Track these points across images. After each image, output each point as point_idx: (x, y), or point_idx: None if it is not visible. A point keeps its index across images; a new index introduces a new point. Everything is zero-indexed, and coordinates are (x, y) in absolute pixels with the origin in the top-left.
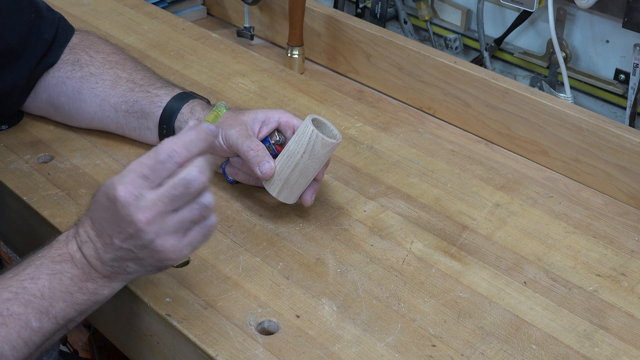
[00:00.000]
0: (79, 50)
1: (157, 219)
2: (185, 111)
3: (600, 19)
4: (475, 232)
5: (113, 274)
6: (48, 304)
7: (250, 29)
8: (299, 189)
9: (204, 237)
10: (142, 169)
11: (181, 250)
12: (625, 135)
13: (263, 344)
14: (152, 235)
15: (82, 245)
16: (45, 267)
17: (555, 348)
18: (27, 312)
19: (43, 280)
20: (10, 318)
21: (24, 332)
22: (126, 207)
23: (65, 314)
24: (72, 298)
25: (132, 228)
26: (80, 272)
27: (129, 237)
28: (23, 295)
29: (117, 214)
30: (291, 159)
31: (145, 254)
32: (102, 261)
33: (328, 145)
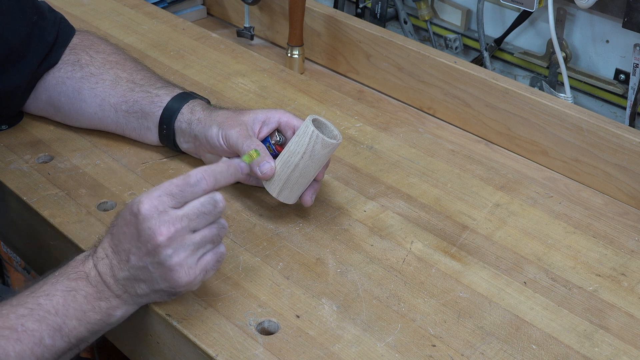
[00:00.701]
0: (79, 50)
1: (178, 236)
2: (186, 111)
3: (600, 19)
4: (475, 232)
5: (125, 294)
6: (62, 322)
7: (250, 29)
8: (299, 189)
9: (216, 263)
10: (170, 188)
11: (195, 275)
12: (625, 135)
13: (263, 344)
14: (170, 250)
15: (98, 262)
16: (61, 284)
17: (555, 348)
18: (41, 329)
19: (58, 297)
20: (25, 334)
21: (37, 348)
22: (148, 220)
23: (77, 332)
24: (85, 317)
25: (151, 242)
26: (94, 290)
27: (146, 254)
28: (38, 312)
29: (139, 227)
30: (291, 159)
31: (159, 273)
32: (116, 279)
33: (328, 146)
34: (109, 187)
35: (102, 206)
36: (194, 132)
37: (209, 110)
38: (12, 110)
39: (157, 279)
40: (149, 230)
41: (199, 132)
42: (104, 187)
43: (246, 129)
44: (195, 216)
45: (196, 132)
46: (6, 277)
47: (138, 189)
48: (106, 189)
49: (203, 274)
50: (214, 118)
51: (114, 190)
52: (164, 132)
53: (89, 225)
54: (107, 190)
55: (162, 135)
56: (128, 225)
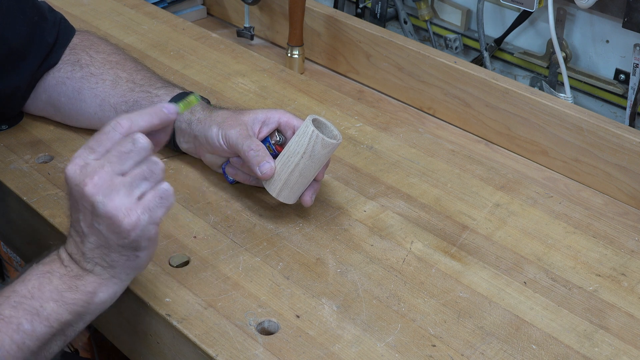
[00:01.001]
0: (79, 50)
1: (103, 181)
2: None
3: (600, 19)
4: (475, 232)
5: (96, 267)
6: (38, 305)
7: (250, 29)
8: (299, 189)
9: (160, 200)
10: (88, 143)
11: (137, 215)
12: (625, 135)
13: (263, 344)
14: (101, 197)
15: (67, 244)
16: (36, 269)
17: (555, 348)
18: (17, 315)
19: (33, 281)
20: (2, 322)
21: (16, 335)
22: (74, 177)
23: (57, 315)
24: (63, 297)
25: (84, 198)
26: (67, 271)
27: (85, 211)
28: (13, 298)
29: (72, 191)
30: (291, 160)
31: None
32: (84, 255)
33: (328, 146)
34: None
35: None
36: (194, 132)
37: (209, 110)
38: (12, 110)
39: (107, 235)
40: (77, 187)
41: (199, 132)
42: None
43: (246, 129)
44: (115, 158)
45: (196, 132)
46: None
47: None
48: None
49: (147, 213)
50: (213, 118)
51: None
52: None
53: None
54: None
55: None
56: (68, 196)
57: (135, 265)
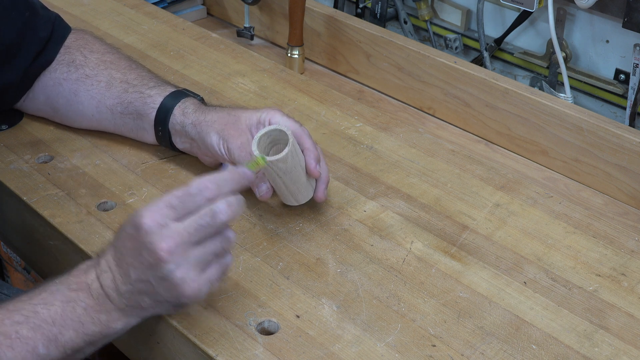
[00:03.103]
0: (73, 50)
1: (179, 250)
2: (177, 113)
3: (600, 19)
4: (475, 232)
5: (128, 307)
6: (58, 332)
7: (250, 29)
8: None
9: (221, 274)
10: (171, 200)
11: (199, 287)
12: (625, 135)
13: (263, 344)
14: (173, 266)
15: (101, 274)
16: (60, 294)
17: (555, 348)
18: (35, 337)
19: (56, 307)
20: (18, 341)
21: (30, 356)
22: (149, 234)
23: (74, 343)
24: (83, 328)
25: (153, 257)
26: (95, 303)
27: (148, 267)
28: (34, 320)
29: (140, 241)
30: (277, 182)
31: (162, 287)
32: (119, 292)
33: (285, 160)
34: (109, 187)
35: (102, 206)
36: (190, 135)
37: (201, 111)
38: (5, 106)
39: (161, 292)
40: (150, 245)
41: (195, 135)
42: (104, 187)
43: (247, 141)
44: (194, 229)
45: (192, 136)
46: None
47: (138, 189)
48: (106, 189)
49: (207, 285)
50: (209, 124)
51: (114, 190)
52: (159, 133)
53: (89, 225)
54: (107, 190)
55: (158, 136)
56: (130, 239)
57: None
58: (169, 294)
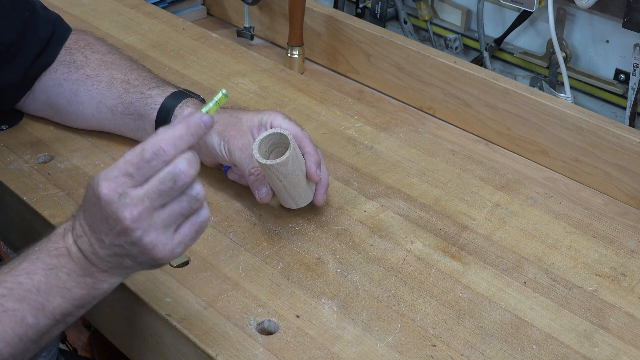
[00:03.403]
0: (74, 50)
1: (144, 216)
2: (178, 113)
3: (600, 19)
4: (475, 232)
5: (111, 268)
6: (44, 300)
7: (250, 29)
8: (306, 193)
9: (196, 233)
10: (127, 167)
11: (173, 248)
12: (625, 135)
13: (263, 344)
14: (140, 232)
15: (78, 239)
16: (41, 261)
17: (555, 348)
18: (22, 308)
19: (39, 276)
20: (5, 315)
21: (19, 328)
22: (111, 204)
23: (62, 309)
24: (70, 293)
25: (120, 225)
26: (78, 267)
27: (118, 235)
28: (18, 291)
29: (103, 211)
30: (276, 186)
31: (136, 251)
32: (99, 256)
33: (286, 164)
34: None
35: None
36: None
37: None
38: (5, 106)
39: (136, 255)
40: (113, 214)
41: None
42: None
43: (248, 143)
44: (156, 195)
45: None
46: None
47: None
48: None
49: (182, 246)
50: None
51: None
52: None
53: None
54: None
55: None
56: (94, 206)
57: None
58: (144, 257)
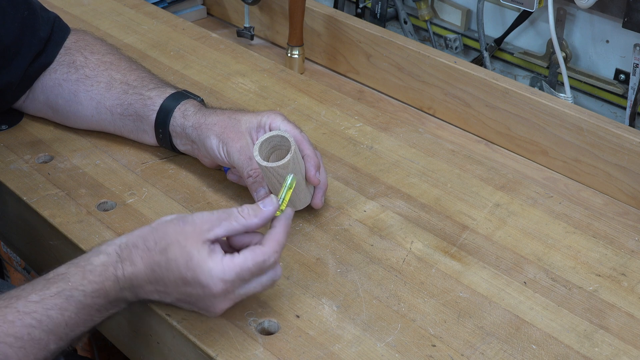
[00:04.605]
0: (74, 51)
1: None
2: (178, 115)
3: (600, 19)
4: (475, 232)
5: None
6: (70, 331)
7: (250, 29)
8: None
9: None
10: (244, 274)
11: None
12: (625, 135)
13: (263, 344)
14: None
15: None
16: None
17: (555, 348)
18: (48, 339)
19: (70, 312)
20: (31, 342)
21: (41, 354)
22: (214, 298)
23: (82, 335)
24: (93, 323)
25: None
26: (111, 305)
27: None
28: (47, 324)
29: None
30: (276, 188)
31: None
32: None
33: (286, 167)
34: (109, 187)
35: (102, 206)
36: (190, 137)
37: (202, 113)
38: (4, 106)
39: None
40: (210, 302)
41: (196, 138)
42: (104, 187)
43: (247, 144)
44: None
45: (193, 138)
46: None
47: (138, 189)
48: (106, 189)
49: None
50: (209, 127)
51: (114, 190)
52: (160, 136)
53: (89, 225)
54: (107, 190)
55: (159, 138)
56: (185, 284)
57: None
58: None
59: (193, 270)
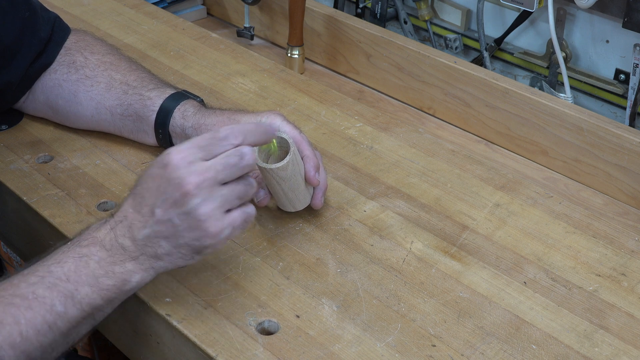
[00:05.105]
0: (74, 51)
1: (206, 185)
2: (177, 116)
3: (600, 19)
4: (475, 232)
5: (142, 255)
6: (73, 288)
7: (250, 29)
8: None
9: (244, 222)
10: (199, 141)
11: (223, 228)
12: (625, 135)
13: (263, 344)
14: (199, 199)
15: (115, 226)
16: (72, 251)
17: (555, 348)
18: (52, 296)
19: (69, 264)
20: (36, 301)
21: (49, 316)
22: (178, 169)
23: (90, 299)
24: (98, 283)
25: (179, 191)
26: (108, 255)
27: (173, 204)
28: (48, 279)
29: (167, 178)
30: (275, 189)
31: (185, 225)
32: (134, 239)
33: (286, 168)
34: (109, 187)
35: (102, 206)
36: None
37: (201, 114)
38: (4, 106)
39: (183, 232)
40: (178, 179)
41: None
42: (104, 187)
43: None
44: (222, 167)
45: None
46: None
47: None
48: (106, 189)
49: (230, 229)
50: (209, 128)
51: (114, 190)
52: (160, 136)
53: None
54: (107, 190)
55: (158, 138)
56: (155, 179)
57: (180, 264)
58: (191, 234)
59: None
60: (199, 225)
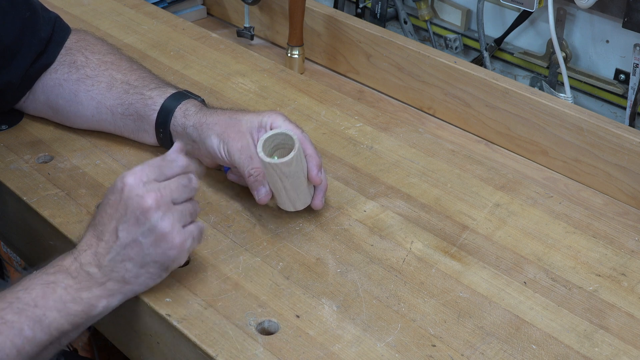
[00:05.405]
0: (75, 51)
1: (164, 202)
2: (178, 115)
3: (600, 19)
4: (475, 232)
5: (109, 281)
6: (41, 313)
7: (250, 29)
8: (304, 196)
9: (199, 234)
10: (151, 163)
11: (185, 239)
12: (625, 135)
13: (263, 344)
14: (160, 214)
15: (79, 255)
16: (39, 278)
17: (555, 348)
18: (20, 320)
19: (37, 290)
20: (4, 326)
21: (17, 340)
22: (135, 188)
23: (58, 324)
24: (66, 308)
25: (140, 208)
26: (74, 282)
27: (135, 222)
28: (17, 305)
29: (124, 200)
30: (277, 186)
31: (150, 240)
32: (100, 266)
33: (290, 164)
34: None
35: None
36: (191, 137)
37: (202, 113)
38: (5, 106)
39: (148, 249)
40: (137, 197)
41: (197, 138)
42: (104, 187)
43: (248, 145)
44: (175, 187)
45: (193, 138)
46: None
47: None
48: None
49: (191, 240)
50: (210, 126)
51: None
52: (160, 135)
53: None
54: None
55: (159, 137)
56: (112, 205)
57: (150, 284)
58: (157, 249)
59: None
60: (164, 237)
